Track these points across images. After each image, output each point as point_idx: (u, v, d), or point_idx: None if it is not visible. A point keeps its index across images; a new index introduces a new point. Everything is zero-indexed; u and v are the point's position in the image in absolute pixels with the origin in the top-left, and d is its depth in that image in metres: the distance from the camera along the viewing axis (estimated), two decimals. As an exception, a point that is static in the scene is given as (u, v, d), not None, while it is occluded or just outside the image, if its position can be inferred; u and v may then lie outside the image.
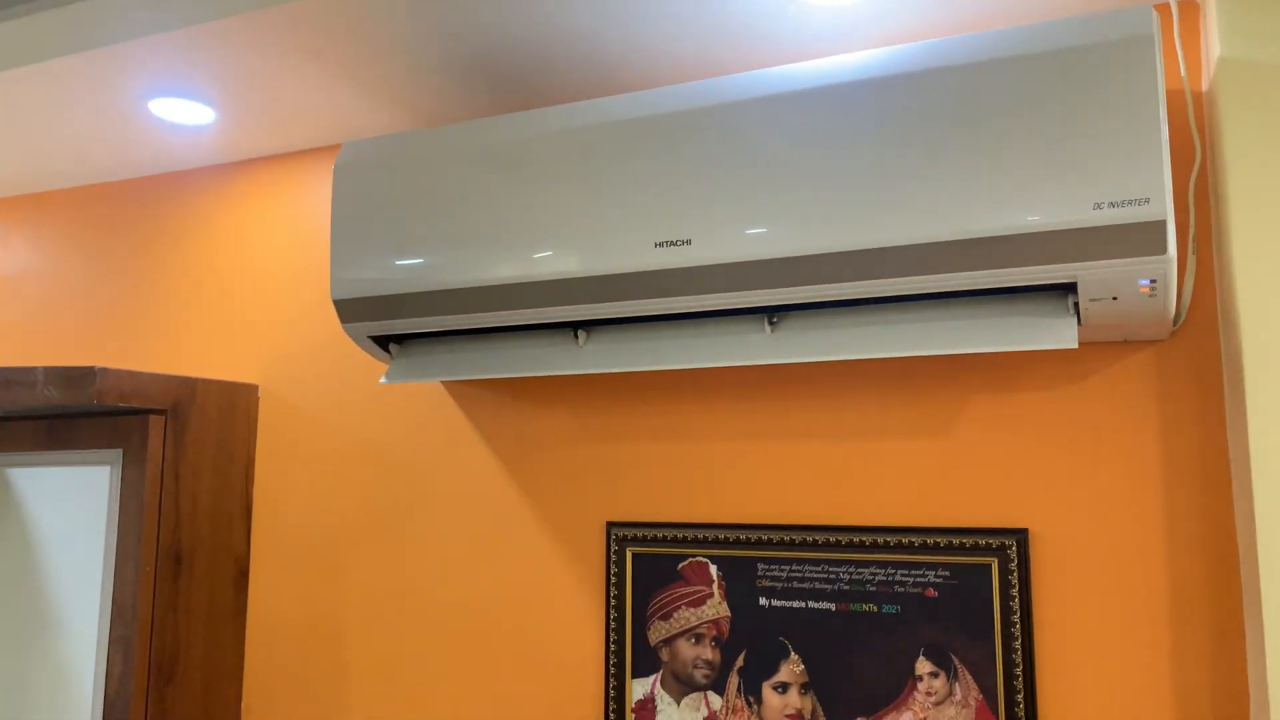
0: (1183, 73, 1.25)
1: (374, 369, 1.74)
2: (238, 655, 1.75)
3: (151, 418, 1.60)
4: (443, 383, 1.68)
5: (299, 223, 1.84)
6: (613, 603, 1.49)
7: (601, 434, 1.55)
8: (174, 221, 1.96)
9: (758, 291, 1.22)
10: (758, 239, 1.20)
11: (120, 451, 1.62)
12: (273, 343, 1.83)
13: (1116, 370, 1.28)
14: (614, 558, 1.50)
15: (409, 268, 1.40)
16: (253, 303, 1.86)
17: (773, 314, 1.28)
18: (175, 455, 1.64)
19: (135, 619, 1.57)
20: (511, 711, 1.55)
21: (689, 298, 1.26)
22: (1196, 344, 1.25)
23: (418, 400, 1.69)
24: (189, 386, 1.67)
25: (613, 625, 1.48)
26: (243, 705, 1.75)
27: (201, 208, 1.94)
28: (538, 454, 1.59)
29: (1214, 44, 1.17)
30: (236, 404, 1.77)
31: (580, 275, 1.30)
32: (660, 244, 1.25)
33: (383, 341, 1.50)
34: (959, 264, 1.13)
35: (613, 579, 1.49)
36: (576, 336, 1.40)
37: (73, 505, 1.66)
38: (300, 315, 1.81)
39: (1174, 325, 1.23)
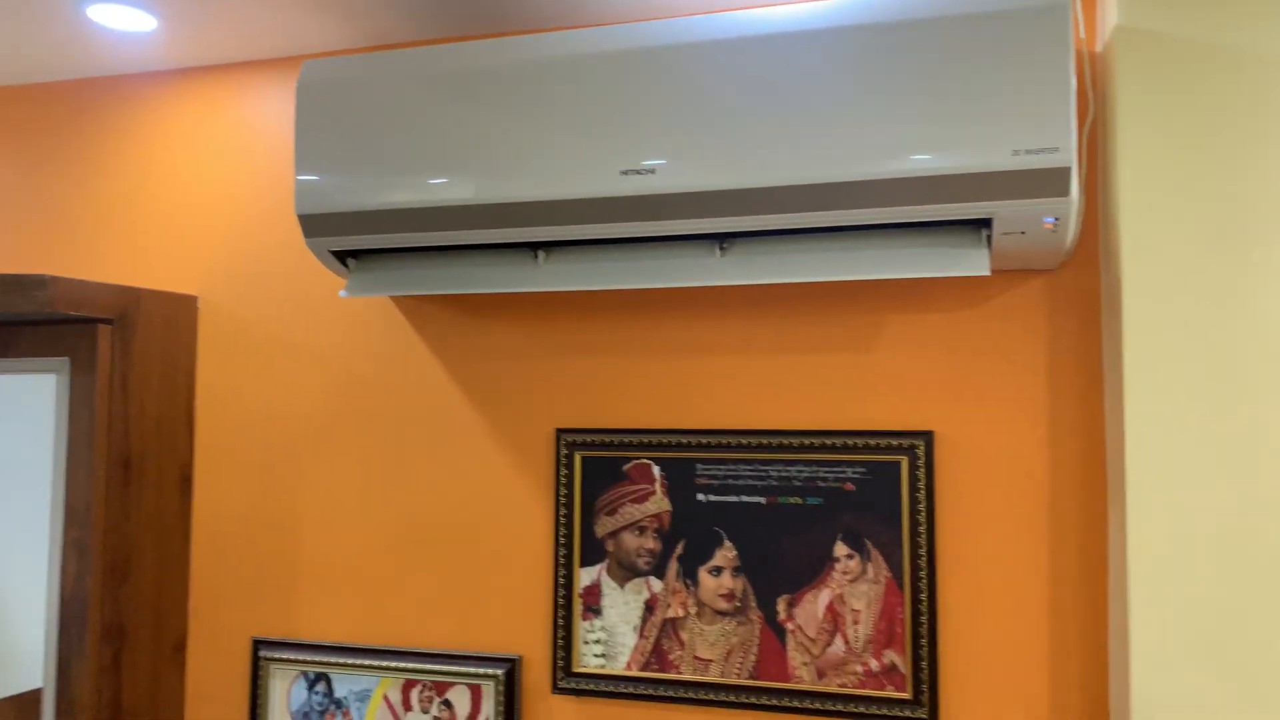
0: (1081, 34, 1.42)
1: (323, 281, 1.78)
2: (185, 558, 1.80)
3: (100, 327, 1.61)
4: (392, 297, 1.74)
5: (243, 134, 1.84)
6: (562, 501, 1.62)
7: (553, 348, 1.67)
8: (114, 127, 1.93)
9: (713, 219, 1.35)
10: (716, 171, 1.32)
11: (67, 360, 1.63)
12: (215, 254, 1.85)
13: (1014, 295, 1.48)
14: (564, 461, 1.63)
15: (375, 186, 1.46)
16: (193, 214, 1.86)
17: (723, 240, 1.42)
18: (124, 364, 1.66)
19: (89, 523, 1.61)
20: (465, 603, 1.68)
21: (649, 223, 1.37)
22: (1081, 275, 1.46)
23: (366, 314, 1.76)
24: (134, 296, 1.68)
25: (562, 521, 1.62)
26: (190, 606, 1.81)
27: (143, 114, 1.91)
28: (490, 366, 1.69)
29: (1111, 11, 1.35)
30: (179, 314, 1.79)
31: (546, 199, 1.39)
32: (625, 172, 1.36)
33: (342, 256, 1.56)
34: (894, 199, 1.28)
35: (562, 480, 1.63)
36: (536, 256, 1.49)
37: (12, 412, 1.67)
38: (242, 228, 1.83)
39: (1064, 257, 1.43)
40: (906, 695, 1.46)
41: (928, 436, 1.48)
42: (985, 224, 1.31)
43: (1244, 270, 1.25)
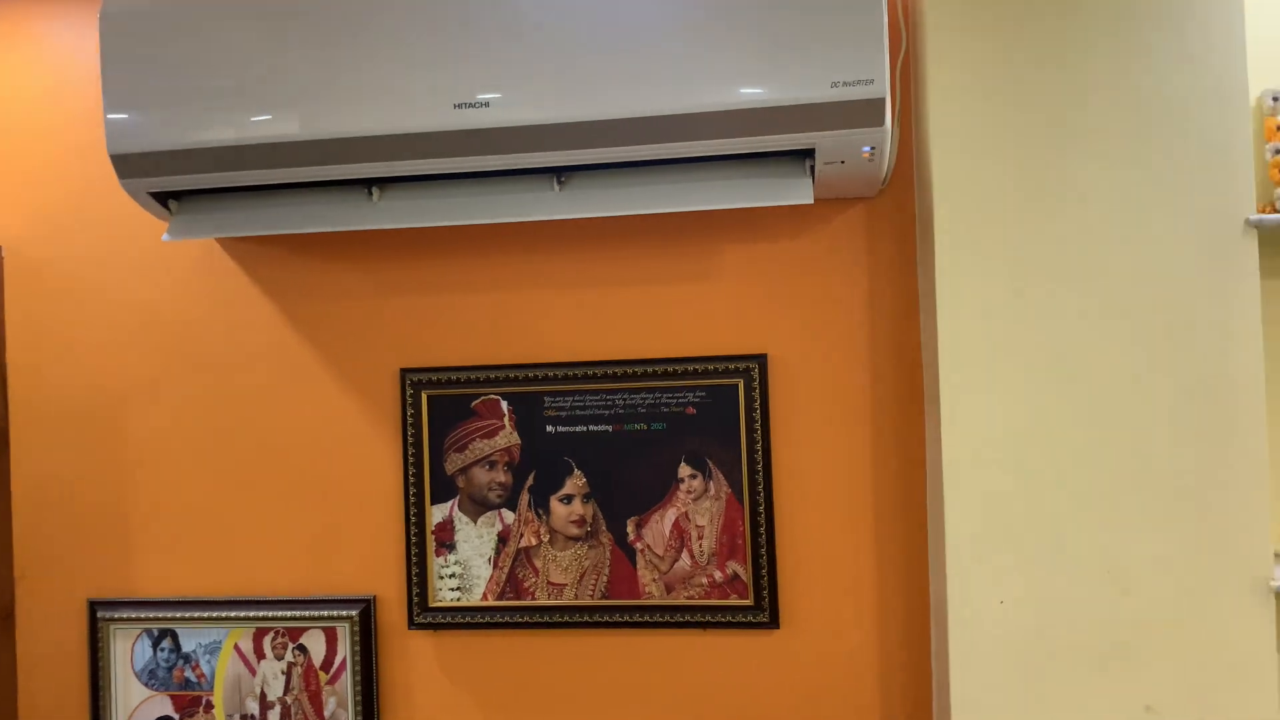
0: (893, -28, 1.50)
1: (140, 226, 1.69)
2: (5, 521, 1.70)
3: (-112, 280, 1.49)
4: (220, 240, 1.68)
5: (49, 68, 1.71)
6: (410, 440, 1.62)
7: (393, 287, 1.65)
8: None
9: (549, 153, 1.36)
10: (550, 104, 1.33)
11: None
12: (16, 201, 1.72)
13: (836, 223, 1.56)
14: (410, 401, 1.62)
15: (193, 122, 1.39)
16: (-16, 155, 1.72)
17: (561, 174, 1.43)
18: (-81, 320, 1.53)
19: (-107, 492, 1.49)
20: (316, 547, 1.66)
21: (485, 157, 1.37)
22: (896, 201, 1.55)
23: (193, 257, 1.68)
24: (-75, 246, 1.55)
25: (411, 460, 1.63)
26: (15, 571, 1.72)
27: (-96, 46, 1.73)
28: (328, 307, 1.66)
29: (919, -50, 1.42)
30: (-20, 265, 1.66)
31: (379, 134, 1.36)
32: (459, 105, 1.35)
33: (162, 198, 1.48)
34: (722, 131, 1.33)
35: (409, 420, 1.62)
36: (370, 193, 1.47)
37: None
38: (51, 170, 1.71)
39: (881, 185, 1.52)
40: (749, 602, 1.55)
41: (761, 359, 1.56)
42: (808, 154, 1.38)
43: (1045, 193, 1.36)
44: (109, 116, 1.40)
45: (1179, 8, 1.34)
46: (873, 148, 1.35)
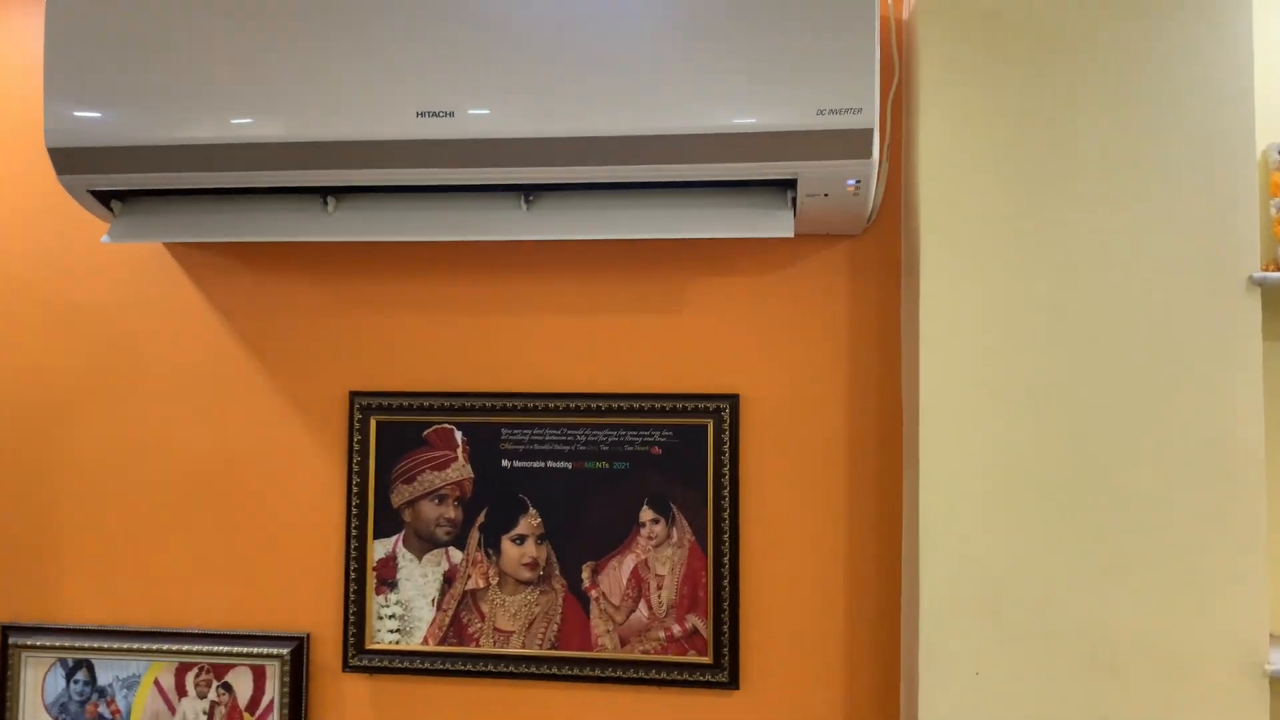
0: (889, 1, 1.43)
1: (82, 226, 1.60)
2: (-83, 536, 1.59)
3: None
4: (167, 245, 1.58)
5: (-17, 56, 1.63)
6: (355, 469, 1.52)
7: (347, 303, 1.55)
8: None
9: (516, 169, 1.28)
10: (520, 117, 1.25)
11: None
12: (-47, 192, 1.62)
13: (817, 259, 1.48)
14: (358, 426, 1.53)
15: (138, 118, 1.30)
16: (-77, 144, 1.63)
17: (529, 193, 1.35)
18: None
19: None
20: (248, 578, 1.55)
21: (449, 170, 1.29)
22: (882, 240, 1.47)
23: (135, 261, 1.59)
24: None
25: (355, 490, 1.52)
26: (-76, 590, 1.60)
27: None
28: (277, 322, 1.56)
29: (915, -20, 1.36)
30: (-92, 259, 1.56)
31: (336, 139, 1.28)
32: (422, 114, 1.27)
33: (104, 197, 1.39)
34: (700, 155, 1.25)
35: (356, 446, 1.52)
36: (325, 202, 1.38)
37: None
38: (-12, 162, 1.62)
39: (866, 222, 1.44)
40: (707, 660, 1.45)
41: (733, 400, 1.47)
42: (790, 185, 1.30)
43: (1038, 241, 1.29)
44: (48, 107, 1.31)
45: (1185, 55, 1.28)
46: (858, 180, 1.27)
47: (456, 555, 1.51)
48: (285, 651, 1.52)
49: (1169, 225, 1.27)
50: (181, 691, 1.54)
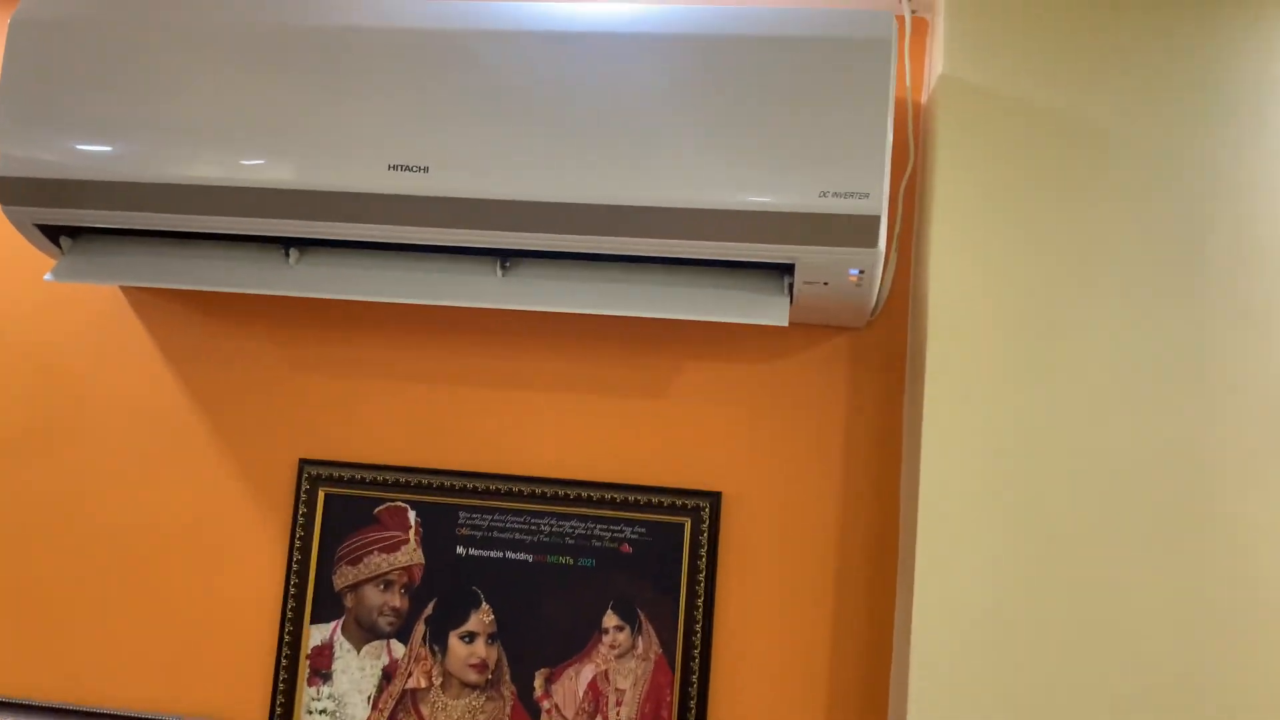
0: (907, 83, 1.34)
1: (24, 258, 1.50)
2: None
3: None
4: (122, 288, 1.48)
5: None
6: (298, 544, 1.39)
7: (305, 363, 1.44)
8: None
9: (492, 232, 1.18)
10: (499, 178, 1.16)
11: None
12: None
13: (815, 352, 1.37)
14: (305, 497, 1.40)
15: (93, 152, 1.22)
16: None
17: (506, 258, 1.25)
18: None
19: None
20: (170, 657, 1.41)
21: (420, 229, 1.19)
22: (886, 336, 1.36)
23: (81, 303, 1.49)
24: None
25: (295, 568, 1.39)
26: None
27: None
28: (229, 377, 1.45)
29: (938, 62, 1.27)
30: None
31: (301, 187, 1.19)
32: (394, 167, 1.17)
33: (52, 232, 1.30)
34: (691, 232, 1.15)
35: (300, 519, 1.40)
36: (288, 254, 1.28)
37: None
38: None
39: (870, 316, 1.33)
40: (666, 790, 1.30)
41: (715, 498, 1.34)
42: (788, 270, 1.20)
43: (1049, 354, 1.17)
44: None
45: (1229, 152, 1.18)
46: (862, 271, 1.16)
47: (399, 649, 1.36)
48: (201, 742, 1.37)
49: (1204, 341, 1.15)
50: (84, 778, 1.39)
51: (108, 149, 1.21)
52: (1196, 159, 1.18)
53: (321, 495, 1.40)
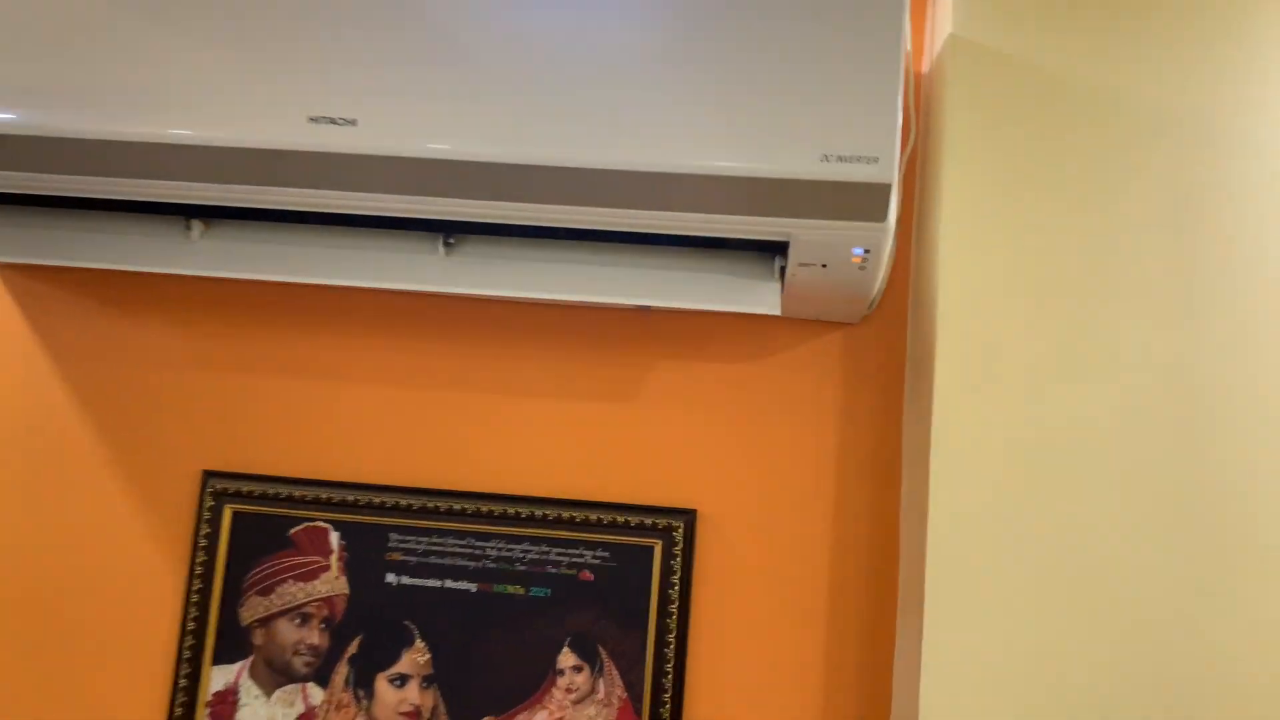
0: (907, 47, 1.19)
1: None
2: None
3: None
4: (-5, 269, 1.27)
5: None
6: (198, 570, 1.18)
7: (209, 359, 1.24)
8: None
9: (433, 199, 1.00)
10: (439, 133, 0.97)
11: None
12: None
13: (805, 349, 1.20)
14: (208, 515, 1.19)
15: (-50, 96, 1.01)
16: None
17: (449, 233, 1.07)
18: None
19: None
20: (42, 703, 1.19)
21: (346, 194, 1.00)
22: (884, 332, 1.20)
23: (-45, 288, 1.27)
24: None
25: (195, 599, 1.18)
26: None
27: None
28: (120, 373, 1.24)
29: (944, 22, 1.12)
30: None
31: (202, 143, 0.99)
32: (316, 119, 0.98)
33: (-100, 195, 1.09)
34: (667, 202, 0.98)
35: (203, 541, 1.19)
36: (189, 227, 1.09)
37: None
38: None
39: (868, 309, 1.17)
40: None
41: (689, 516, 1.17)
42: (780, 250, 1.03)
43: (1077, 355, 1.02)
44: None
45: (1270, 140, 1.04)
46: (867, 250, 1.00)
47: (316, 694, 1.16)
48: (76, 809, 1.15)
49: (1242, 346, 1.01)
50: None
51: (-33, 94, 1.01)
52: (1239, 132, 1.04)
53: (228, 513, 1.19)
